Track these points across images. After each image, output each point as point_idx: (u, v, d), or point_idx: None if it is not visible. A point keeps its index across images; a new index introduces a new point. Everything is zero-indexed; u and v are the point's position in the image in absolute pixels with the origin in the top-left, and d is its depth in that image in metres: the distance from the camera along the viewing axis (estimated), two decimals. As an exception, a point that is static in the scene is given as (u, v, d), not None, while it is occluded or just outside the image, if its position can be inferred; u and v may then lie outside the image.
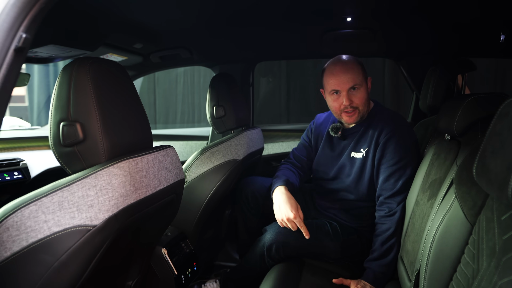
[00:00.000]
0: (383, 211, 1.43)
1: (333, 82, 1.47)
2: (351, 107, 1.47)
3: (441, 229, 0.96)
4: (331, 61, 1.53)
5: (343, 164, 1.57)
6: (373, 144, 1.49)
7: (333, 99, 1.50)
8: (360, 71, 1.48)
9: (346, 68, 1.46)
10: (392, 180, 1.43)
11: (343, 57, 1.52)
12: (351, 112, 1.48)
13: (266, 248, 1.45)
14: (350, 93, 1.46)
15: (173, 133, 2.70)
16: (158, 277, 1.42)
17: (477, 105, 1.12)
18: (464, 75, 1.83)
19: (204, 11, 1.46)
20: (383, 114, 1.54)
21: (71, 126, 0.84)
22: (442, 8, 1.47)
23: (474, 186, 0.88)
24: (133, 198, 0.86)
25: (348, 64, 1.48)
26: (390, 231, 1.39)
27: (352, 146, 1.56)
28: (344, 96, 1.46)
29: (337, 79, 1.46)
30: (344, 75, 1.45)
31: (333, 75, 1.47)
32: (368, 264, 1.38)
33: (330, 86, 1.49)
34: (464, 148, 1.12)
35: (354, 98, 1.47)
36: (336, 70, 1.48)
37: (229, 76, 1.88)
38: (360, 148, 1.53)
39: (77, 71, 0.85)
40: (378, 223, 1.43)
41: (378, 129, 1.49)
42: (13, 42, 0.63)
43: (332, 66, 1.50)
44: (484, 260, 0.76)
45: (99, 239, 0.78)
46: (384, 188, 1.44)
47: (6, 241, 0.71)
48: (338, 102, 1.49)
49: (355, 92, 1.47)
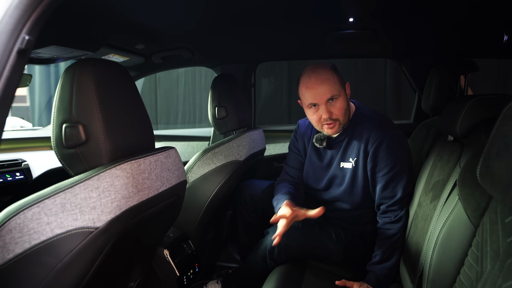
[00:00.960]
0: (388, 218, 1.39)
1: (309, 95, 1.39)
2: (331, 120, 1.39)
3: (444, 231, 0.96)
4: (305, 72, 1.43)
5: (334, 175, 1.52)
6: (362, 153, 1.43)
7: (312, 112, 1.42)
8: (336, 80, 1.39)
9: (321, 80, 1.37)
10: (390, 187, 1.39)
11: (317, 68, 1.41)
12: (332, 123, 1.40)
13: (269, 251, 1.44)
14: (328, 104, 1.38)
15: (175, 134, 2.70)
16: (160, 278, 1.42)
17: (480, 107, 1.12)
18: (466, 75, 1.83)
19: (206, 12, 1.46)
20: (367, 119, 1.46)
21: (74, 128, 0.84)
22: (444, 8, 1.47)
23: (477, 188, 0.88)
24: (136, 199, 0.86)
25: (323, 75, 1.38)
26: (396, 236, 1.36)
27: (340, 156, 1.49)
28: (323, 109, 1.38)
29: (313, 92, 1.37)
30: (320, 87, 1.36)
31: (309, 88, 1.38)
32: (370, 268, 1.37)
33: (307, 100, 1.41)
34: (467, 149, 1.12)
35: (333, 109, 1.39)
36: (310, 83, 1.38)
37: (231, 77, 1.88)
38: (349, 158, 1.47)
39: (79, 73, 0.85)
40: (383, 229, 1.39)
41: (364, 136, 1.42)
42: (16, 44, 0.63)
43: (306, 78, 1.40)
44: (488, 262, 0.76)
45: (101, 241, 0.78)
46: (384, 197, 1.41)
47: (9, 243, 0.71)
48: (317, 115, 1.41)
49: (334, 103, 1.38)
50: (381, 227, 1.41)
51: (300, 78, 1.44)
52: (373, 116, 1.47)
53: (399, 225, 1.37)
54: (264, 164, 2.33)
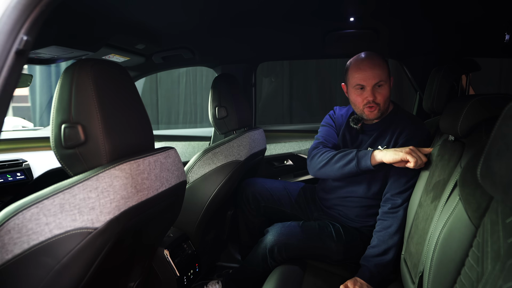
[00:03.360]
0: (386, 207, 1.43)
1: (359, 76, 1.46)
2: (374, 102, 1.47)
3: (445, 231, 0.95)
4: (358, 55, 1.52)
5: None
6: (392, 143, 1.49)
7: (357, 93, 1.49)
8: (385, 68, 1.48)
9: (373, 64, 1.45)
10: (403, 180, 1.43)
11: (371, 54, 1.50)
12: (374, 107, 1.48)
13: (268, 250, 1.44)
14: (374, 89, 1.46)
15: (175, 134, 2.70)
16: (160, 279, 1.42)
17: (481, 106, 1.11)
18: (468, 75, 1.82)
19: (207, 12, 1.46)
20: (403, 116, 1.55)
21: (73, 128, 0.83)
22: (445, 7, 1.46)
23: (478, 188, 0.87)
24: (135, 200, 0.86)
25: (375, 60, 1.47)
26: (392, 228, 1.38)
27: (371, 142, 1.55)
28: (369, 91, 1.46)
29: (364, 74, 1.45)
30: (371, 71, 1.44)
31: (360, 70, 1.46)
32: (365, 262, 1.37)
33: (355, 80, 1.47)
34: (468, 149, 1.11)
35: (377, 94, 1.47)
36: (363, 65, 1.46)
37: (231, 77, 1.88)
38: (378, 146, 1.53)
39: (78, 73, 0.84)
40: (380, 219, 1.44)
41: (398, 129, 1.50)
42: (14, 44, 0.62)
43: (359, 60, 1.49)
44: (489, 263, 0.75)
45: (100, 241, 0.77)
46: (393, 187, 1.44)
47: (8, 243, 0.71)
48: (362, 96, 1.48)
49: (380, 89, 1.47)
50: (379, 218, 1.44)
51: (353, 60, 1.52)
52: (409, 115, 1.58)
53: (395, 216, 1.39)
54: (265, 164, 2.33)
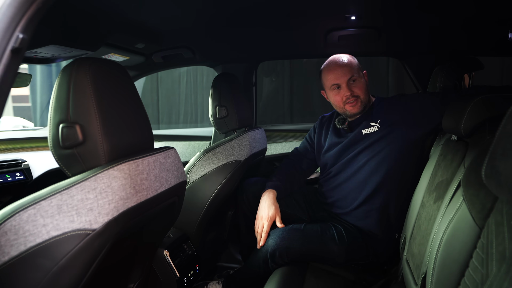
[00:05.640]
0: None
1: (332, 77, 1.56)
2: (352, 97, 1.54)
3: (448, 232, 0.94)
4: (326, 60, 1.64)
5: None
6: (385, 118, 1.53)
7: (335, 93, 1.58)
8: (354, 64, 1.57)
9: (342, 62, 1.56)
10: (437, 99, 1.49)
11: (336, 55, 1.62)
12: (354, 101, 1.55)
13: (270, 254, 1.43)
14: (349, 84, 1.55)
15: (176, 133, 2.69)
16: (160, 280, 1.41)
17: (484, 106, 1.10)
18: (471, 74, 1.80)
19: (206, 11, 1.45)
20: (385, 100, 1.62)
21: (71, 128, 0.82)
22: (448, 6, 1.45)
23: (482, 189, 0.86)
24: (134, 201, 0.84)
25: (343, 58, 1.58)
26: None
27: (361, 128, 1.59)
28: (345, 87, 1.54)
29: (335, 73, 1.55)
30: (340, 69, 1.55)
31: (331, 71, 1.57)
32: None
33: (330, 81, 1.57)
34: (471, 149, 1.10)
35: (354, 88, 1.55)
36: (332, 65, 1.58)
37: (232, 76, 1.86)
38: (370, 123, 1.56)
39: (76, 72, 0.83)
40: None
41: (383, 109, 1.56)
42: (10, 42, 0.61)
43: (328, 63, 1.61)
44: (494, 265, 0.74)
45: (98, 243, 0.76)
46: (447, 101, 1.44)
47: (4, 245, 0.70)
48: (340, 95, 1.57)
49: (355, 84, 1.55)
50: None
51: (323, 66, 1.64)
52: (391, 97, 1.64)
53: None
54: (266, 164, 2.31)
